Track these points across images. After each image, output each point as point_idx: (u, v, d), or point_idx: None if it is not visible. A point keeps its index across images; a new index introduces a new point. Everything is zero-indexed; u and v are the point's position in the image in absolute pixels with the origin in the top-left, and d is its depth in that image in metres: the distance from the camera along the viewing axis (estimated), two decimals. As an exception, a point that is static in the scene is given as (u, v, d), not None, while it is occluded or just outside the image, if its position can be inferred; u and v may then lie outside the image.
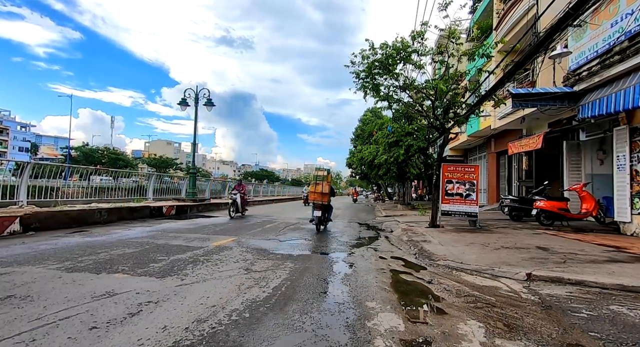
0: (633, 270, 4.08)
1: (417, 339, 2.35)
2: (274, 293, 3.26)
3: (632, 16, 6.28)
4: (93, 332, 2.31)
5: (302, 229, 8.46)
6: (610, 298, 3.29)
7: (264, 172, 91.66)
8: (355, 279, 3.88)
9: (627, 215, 7.15)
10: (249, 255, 5.07)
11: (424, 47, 8.03)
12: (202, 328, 2.41)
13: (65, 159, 44.91)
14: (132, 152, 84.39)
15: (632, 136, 7.10)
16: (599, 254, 5.08)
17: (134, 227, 7.86)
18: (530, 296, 3.35)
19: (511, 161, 14.52)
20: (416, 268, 4.54)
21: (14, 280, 3.45)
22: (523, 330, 2.52)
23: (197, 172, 16.56)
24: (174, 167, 61.34)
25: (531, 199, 9.29)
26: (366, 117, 29.63)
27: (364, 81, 8.38)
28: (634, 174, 7.02)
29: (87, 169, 11.03)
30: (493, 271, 4.14)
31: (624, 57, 6.52)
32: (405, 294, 3.43)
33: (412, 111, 9.55)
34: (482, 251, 5.29)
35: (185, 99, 13.46)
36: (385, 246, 6.41)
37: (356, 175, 37.11)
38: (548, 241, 6.23)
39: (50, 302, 2.84)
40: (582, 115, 7.73)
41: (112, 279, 3.61)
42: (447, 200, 8.68)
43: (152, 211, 10.54)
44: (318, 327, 2.49)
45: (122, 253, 4.90)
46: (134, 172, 13.83)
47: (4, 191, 7.47)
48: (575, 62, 8.01)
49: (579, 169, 9.99)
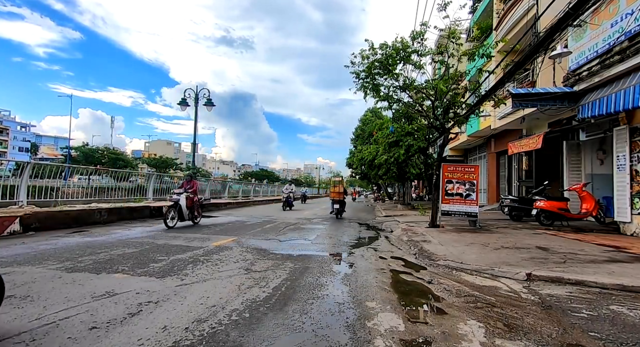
0: (633, 270, 4.08)
1: (417, 339, 2.35)
2: (274, 293, 3.26)
3: (632, 16, 6.28)
4: (93, 332, 2.31)
5: (302, 229, 8.46)
6: (610, 298, 3.29)
7: (264, 172, 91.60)
8: (355, 279, 3.88)
9: (627, 215, 7.15)
10: (249, 255, 5.07)
11: (423, 48, 8.03)
12: (202, 328, 2.41)
13: (65, 159, 44.91)
14: (132, 152, 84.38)
15: (632, 136, 7.10)
16: (599, 254, 5.08)
17: (134, 227, 7.86)
18: (530, 296, 3.35)
19: (511, 161, 14.52)
20: (416, 268, 4.54)
21: (14, 280, 3.45)
22: (523, 330, 2.52)
23: (197, 172, 16.55)
24: (174, 167, 61.31)
25: (531, 199, 9.29)
26: (366, 117, 29.62)
27: (364, 81, 8.38)
28: (634, 174, 7.02)
29: (87, 169, 11.03)
30: (493, 271, 4.14)
31: (624, 57, 6.52)
32: (405, 294, 3.43)
33: (412, 111, 9.55)
34: (482, 251, 5.29)
35: (185, 99, 13.46)
36: (385, 246, 6.41)
37: (356, 175, 37.10)
38: (548, 241, 6.23)
39: (50, 302, 2.84)
40: (582, 115, 7.73)
41: (112, 279, 3.61)
42: (447, 200, 8.68)
43: (152, 211, 10.54)
44: (318, 327, 2.49)
45: (122, 253, 4.90)
46: (134, 172, 13.82)
47: (4, 191, 7.48)
48: (575, 62, 8.01)
49: (579, 169, 9.99)
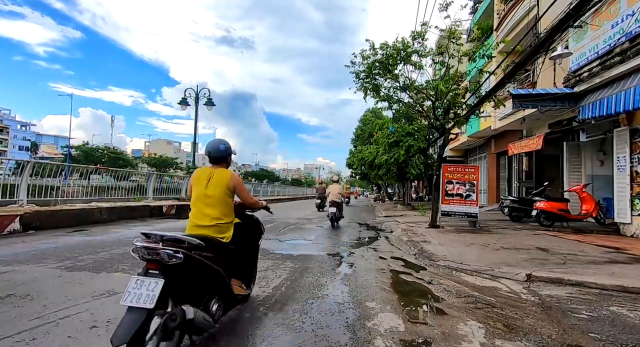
0: (633, 271, 4.08)
1: (417, 339, 2.35)
2: (274, 293, 3.26)
3: (632, 17, 6.28)
4: (93, 331, 2.31)
5: (302, 229, 8.46)
6: (610, 299, 3.29)
7: (264, 172, 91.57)
8: (355, 279, 3.88)
9: (627, 216, 7.15)
10: (249, 255, 5.06)
11: (424, 48, 8.03)
12: (202, 328, 2.41)
13: (66, 158, 44.92)
14: (132, 152, 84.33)
15: (632, 137, 7.09)
16: (599, 255, 5.08)
17: (134, 227, 7.86)
18: (530, 296, 3.35)
19: (511, 162, 14.51)
20: (416, 268, 4.54)
21: (14, 279, 3.45)
22: (523, 331, 2.52)
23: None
24: (174, 166, 61.30)
25: (531, 200, 9.29)
26: (366, 118, 29.63)
27: (364, 81, 8.38)
28: (634, 175, 7.02)
29: (87, 168, 11.03)
30: (493, 271, 4.14)
31: (624, 58, 6.52)
32: (405, 294, 3.43)
33: (412, 112, 9.55)
34: (482, 252, 5.29)
35: (186, 99, 13.46)
36: (385, 246, 6.41)
37: (356, 175, 37.13)
38: (548, 242, 6.23)
39: (50, 301, 2.84)
40: (583, 116, 7.72)
41: (112, 278, 3.61)
42: (447, 200, 8.68)
43: (152, 211, 10.54)
44: (318, 327, 2.49)
45: (122, 252, 4.90)
46: (134, 172, 13.81)
47: (4, 190, 7.47)
48: (576, 63, 8.01)
49: (579, 170, 9.98)
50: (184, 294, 1.93)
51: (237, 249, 2.58)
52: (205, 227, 2.34)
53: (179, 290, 1.89)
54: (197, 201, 2.42)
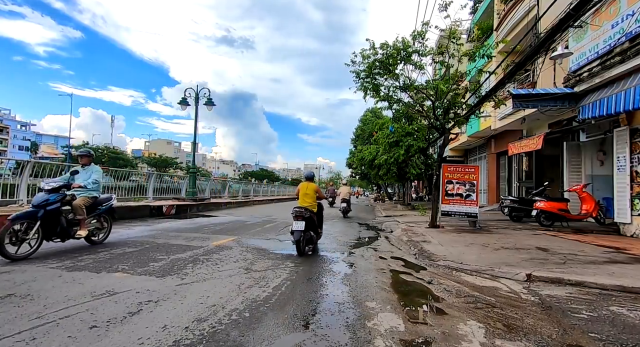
0: (633, 271, 4.08)
1: (417, 339, 2.35)
2: (274, 293, 3.26)
3: (633, 17, 6.28)
4: (93, 331, 2.31)
5: (302, 229, 8.47)
6: (610, 299, 3.29)
7: (264, 172, 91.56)
8: (355, 279, 3.88)
9: (627, 216, 7.15)
10: (249, 254, 5.07)
11: (424, 48, 8.02)
12: (202, 327, 2.41)
13: (66, 158, 44.94)
14: (132, 152, 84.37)
15: (632, 137, 7.09)
16: (599, 255, 5.08)
17: (133, 227, 7.86)
18: (530, 296, 3.35)
19: (511, 162, 14.51)
20: (416, 268, 4.54)
21: (14, 279, 3.45)
22: (523, 331, 2.52)
23: (197, 171, 16.56)
24: (174, 166, 61.36)
25: (531, 200, 9.29)
26: (366, 117, 29.59)
27: (364, 81, 8.38)
28: (634, 175, 7.02)
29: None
30: (493, 271, 4.14)
31: (624, 58, 6.52)
32: (405, 294, 3.43)
33: (412, 111, 9.54)
34: (482, 252, 5.29)
35: (186, 99, 13.46)
36: (385, 246, 6.41)
37: (356, 175, 37.13)
38: (548, 242, 6.23)
39: (50, 301, 2.84)
40: (583, 116, 7.72)
41: (112, 278, 3.61)
42: (447, 200, 8.67)
43: (152, 210, 10.54)
44: (318, 327, 2.49)
45: (122, 252, 4.90)
46: (134, 172, 13.81)
47: (4, 190, 7.47)
48: (576, 63, 8.00)
49: (579, 169, 9.98)
50: (309, 228, 5.33)
51: (317, 214, 5.76)
52: (308, 205, 5.55)
53: (307, 226, 5.26)
54: (303, 195, 5.66)
